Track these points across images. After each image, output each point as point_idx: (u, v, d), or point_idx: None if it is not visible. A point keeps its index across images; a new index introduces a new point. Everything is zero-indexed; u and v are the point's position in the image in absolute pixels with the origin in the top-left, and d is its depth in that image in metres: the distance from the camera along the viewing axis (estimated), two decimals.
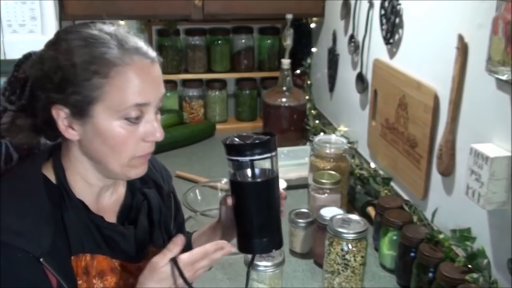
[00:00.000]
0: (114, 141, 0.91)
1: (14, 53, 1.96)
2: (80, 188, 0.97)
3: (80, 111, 0.90)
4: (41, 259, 0.87)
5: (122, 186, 1.07)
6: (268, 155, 0.98)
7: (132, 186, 1.08)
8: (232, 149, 0.97)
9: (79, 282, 0.94)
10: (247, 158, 0.95)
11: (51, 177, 0.96)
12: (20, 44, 1.94)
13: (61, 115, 0.91)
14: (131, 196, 1.07)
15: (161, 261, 0.92)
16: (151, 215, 1.08)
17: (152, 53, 0.94)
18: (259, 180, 0.97)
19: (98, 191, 1.00)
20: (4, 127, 0.98)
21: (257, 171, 0.97)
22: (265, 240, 0.99)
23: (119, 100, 0.89)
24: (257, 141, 0.96)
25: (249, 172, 0.96)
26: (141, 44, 0.93)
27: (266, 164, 0.98)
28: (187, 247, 1.14)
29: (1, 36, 1.90)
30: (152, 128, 0.93)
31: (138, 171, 0.97)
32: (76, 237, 0.94)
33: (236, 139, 0.98)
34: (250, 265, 1.07)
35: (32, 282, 0.88)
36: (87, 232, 0.96)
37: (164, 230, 1.12)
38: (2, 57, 1.90)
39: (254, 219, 0.99)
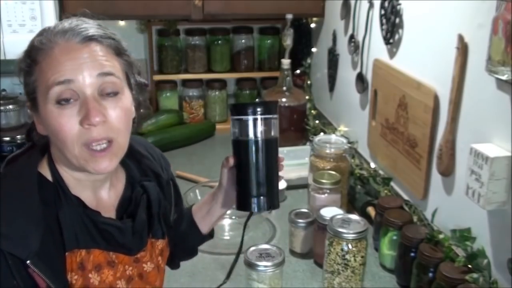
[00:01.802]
0: (52, 127, 0.90)
1: (14, 53, 1.96)
2: (73, 183, 0.97)
3: (33, 104, 0.92)
4: (27, 262, 0.87)
5: (121, 180, 1.07)
6: (269, 116, 1.06)
7: (132, 179, 1.07)
8: (237, 109, 1.05)
9: (75, 277, 0.95)
10: (250, 117, 1.04)
11: (47, 174, 0.96)
12: (20, 44, 1.92)
13: (31, 111, 0.94)
14: (131, 189, 1.07)
15: None
16: (150, 208, 1.08)
17: (86, 34, 0.91)
18: (259, 138, 1.04)
19: (91, 186, 1.00)
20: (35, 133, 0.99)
21: (258, 130, 1.05)
22: (262, 198, 1.06)
23: (45, 82, 0.88)
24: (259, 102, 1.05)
25: (251, 130, 1.04)
26: (75, 27, 0.91)
27: (268, 127, 1.07)
28: (188, 220, 1.20)
29: (1, 36, 1.90)
30: (85, 110, 0.88)
31: (96, 167, 0.92)
32: (71, 233, 0.94)
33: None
34: (246, 222, 1.14)
35: (11, 284, 0.87)
36: (82, 228, 0.96)
37: (164, 221, 1.12)
38: (2, 57, 1.90)
39: (253, 176, 1.05)
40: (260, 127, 1.05)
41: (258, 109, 1.05)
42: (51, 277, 0.90)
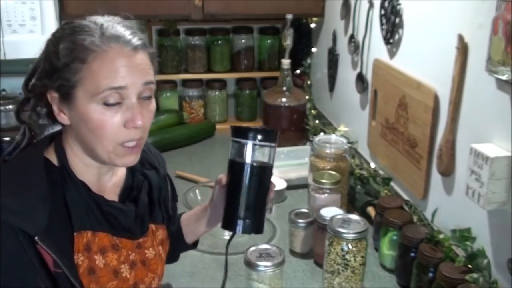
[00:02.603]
0: (93, 125, 0.95)
1: (14, 53, 1.97)
2: (80, 169, 1.02)
3: (66, 96, 0.96)
4: (36, 238, 0.91)
5: (122, 169, 1.12)
6: (268, 143, 1.08)
7: (133, 168, 1.12)
8: (237, 131, 1.08)
9: (81, 258, 0.98)
10: (249, 142, 1.06)
11: (53, 160, 1.01)
12: (20, 44, 1.94)
13: (54, 100, 0.97)
14: (132, 177, 1.12)
15: None
16: (151, 194, 1.13)
17: (136, 42, 0.97)
18: (255, 164, 1.07)
19: (98, 172, 1.05)
20: (27, 114, 1.04)
21: (255, 155, 1.07)
22: (248, 221, 1.09)
23: (95, 84, 0.93)
24: (260, 129, 1.08)
25: (248, 155, 1.06)
26: (125, 33, 0.97)
27: (265, 155, 1.09)
28: (177, 226, 1.25)
29: (1, 36, 1.90)
30: (131, 114, 0.95)
31: (125, 161, 1.00)
32: (78, 215, 0.98)
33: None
34: (229, 242, 1.17)
35: (24, 259, 0.91)
36: (88, 210, 1.01)
37: (164, 208, 1.18)
38: (2, 57, 1.90)
39: (243, 198, 1.07)
40: (257, 154, 1.07)
41: (259, 136, 1.07)
42: (58, 254, 0.94)
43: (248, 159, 1.06)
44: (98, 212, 1.02)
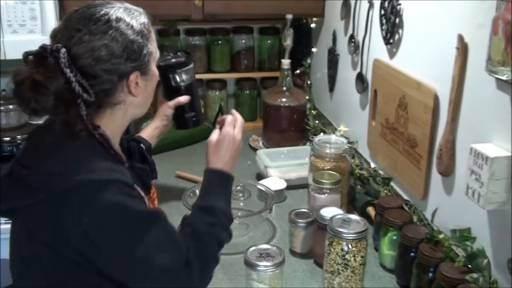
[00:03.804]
0: (156, 80, 1.22)
1: (14, 53, 1.95)
2: (112, 141, 1.15)
3: (146, 69, 1.16)
4: (134, 185, 1.10)
5: None
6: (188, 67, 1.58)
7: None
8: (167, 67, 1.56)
9: None
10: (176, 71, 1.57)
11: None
12: (20, 44, 1.93)
13: (133, 80, 1.13)
14: (121, 143, 1.30)
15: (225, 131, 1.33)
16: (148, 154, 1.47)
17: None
18: (183, 82, 1.59)
19: (118, 141, 1.23)
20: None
21: (182, 77, 1.58)
22: (192, 114, 1.63)
23: (155, 52, 1.19)
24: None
25: (178, 78, 1.58)
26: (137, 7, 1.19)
27: (188, 73, 1.59)
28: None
29: (1, 36, 1.90)
30: None
31: None
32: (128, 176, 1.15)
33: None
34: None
35: (138, 203, 1.07)
36: (129, 171, 1.17)
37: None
38: (2, 57, 1.90)
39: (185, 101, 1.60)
40: (183, 75, 1.58)
41: (177, 67, 1.56)
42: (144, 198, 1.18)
43: (179, 82, 1.57)
44: (132, 174, 1.20)
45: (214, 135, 1.32)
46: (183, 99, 1.58)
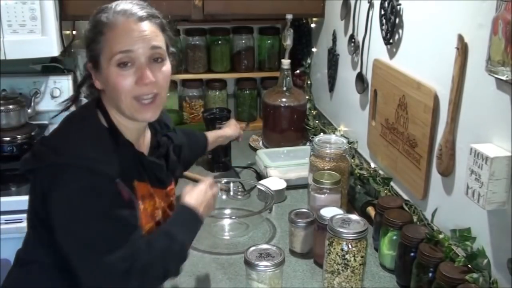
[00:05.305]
0: (112, 84, 1.16)
1: (14, 53, 1.97)
2: (123, 130, 1.23)
3: (96, 64, 1.19)
4: (116, 180, 1.14)
5: (148, 131, 1.35)
6: None
7: (154, 129, 1.38)
8: None
9: None
10: None
11: (102, 121, 1.22)
12: (20, 44, 1.94)
13: (91, 70, 1.21)
14: (155, 137, 1.37)
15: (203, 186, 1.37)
16: (174, 151, 1.44)
17: (141, 13, 1.17)
18: None
19: (136, 133, 1.27)
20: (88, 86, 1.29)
21: None
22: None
23: (110, 49, 1.15)
24: None
25: None
26: (132, 8, 1.17)
27: None
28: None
29: (1, 36, 1.90)
30: (140, 73, 1.16)
31: (144, 116, 1.20)
32: (129, 167, 1.20)
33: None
34: None
35: (111, 198, 1.13)
36: (134, 164, 1.23)
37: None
38: (2, 57, 1.90)
39: None
40: None
41: None
42: (130, 193, 1.18)
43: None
44: (140, 166, 1.25)
45: (190, 186, 1.39)
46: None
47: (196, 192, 1.35)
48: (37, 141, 1.22)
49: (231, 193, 1.88)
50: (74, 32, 2.33)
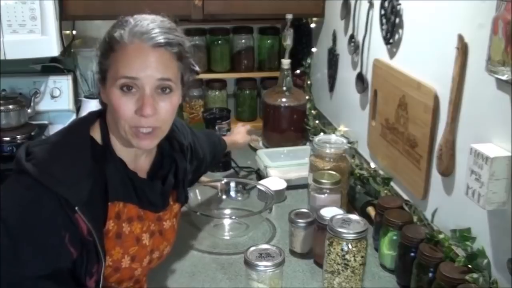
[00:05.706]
0: (112, 106, 1.10)
1: (14, 53, 1.96)
2: (119, 147, 1.16)
3: (103, 78, 1.13)
4: (76, 208, 1.04)
5: (155, 149, 1.25)
6: None
7: (163, 149, 1.27)
8: None
9: (112, 224, 1.14)
10: None
11: (97, 137, 1.15)
12: (20, 44, 1.94)
13: (99, 81, 1.15)
14: (161, 158, 1.27)
15: None
16: (177, 174, 1.30)
17: (158, 40, 1.08)
18: None
19: (134, 153, 1.19)
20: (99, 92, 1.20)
21: None
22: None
23: (116, 70, 1.08)
24: None
25: None
26: (151, 31, 1.09)
27: None
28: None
29: (1, 36, 1.90)
30: (141, 103, 1.08)
31: (140, 144, 1.12)
32: (114, 186, 1.13)
33: None
34: None
35: (57, 228, 1.03)
36: (123, 184, 1.15)
37: (186, 186, 1.38)
38: (2, 57, 1.90)
39: None
40: None
41: None
42: (92, 223, 1.07)
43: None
44: (130, 186, 1.17)
45: None
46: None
47: None
48: (27, 144, 1.14)
49: (231, 193, 1.88)
50: (74, 32, 2.33)
